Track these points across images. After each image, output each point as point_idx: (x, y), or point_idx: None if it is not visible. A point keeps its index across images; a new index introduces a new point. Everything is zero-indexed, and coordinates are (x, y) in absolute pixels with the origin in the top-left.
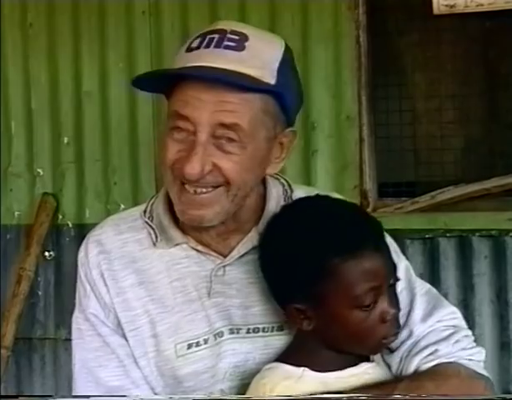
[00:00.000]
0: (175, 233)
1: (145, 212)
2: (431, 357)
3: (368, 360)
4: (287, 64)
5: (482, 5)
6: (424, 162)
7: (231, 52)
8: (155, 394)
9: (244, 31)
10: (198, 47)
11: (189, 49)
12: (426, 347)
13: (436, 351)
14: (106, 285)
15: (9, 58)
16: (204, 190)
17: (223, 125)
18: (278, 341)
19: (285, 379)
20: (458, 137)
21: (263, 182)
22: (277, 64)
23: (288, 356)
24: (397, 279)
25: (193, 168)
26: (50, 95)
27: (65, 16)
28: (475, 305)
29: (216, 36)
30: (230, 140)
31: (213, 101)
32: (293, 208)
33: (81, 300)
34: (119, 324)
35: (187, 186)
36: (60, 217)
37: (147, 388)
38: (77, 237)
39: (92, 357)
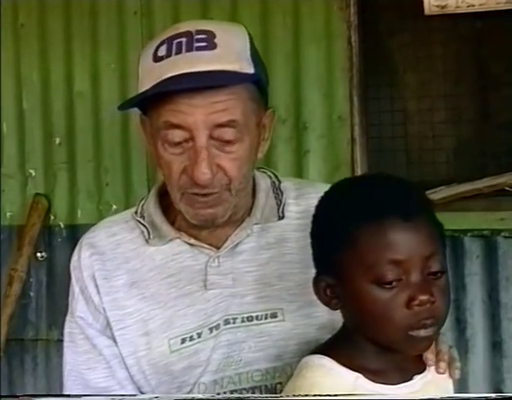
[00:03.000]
0: (167, 229)
1: (136, 212)
2: None
3: (422, 370)
4: (254, 50)
5: (473, 5)
6: (415, 162)
7: (205, 53)
8: (141, 393)
9: (209, 28)
10: (168, 55)
11: (158, 58)
12: None
13: None
14: (96, 285)
15: (1, 58)
16: (212, 191)
17: (220, 125)
18: (273, 328)
19: (339, 388)
20: (449, 137)
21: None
22: (248, 53)
23: (338, 348)
24: (442, 270)
25: (204, 174)
26: (42, 95)
27: (57, 16)
28: (467, 305)
29: (183, 39)
30: (227, 138)
31: (205, 104)
32: (337, 184)
33: (71, 303)
34: (108, 324)
35: (196, 190)
36: (52, 217)
37: (132, 389)
38: (69, 238)
39: (82, 360)
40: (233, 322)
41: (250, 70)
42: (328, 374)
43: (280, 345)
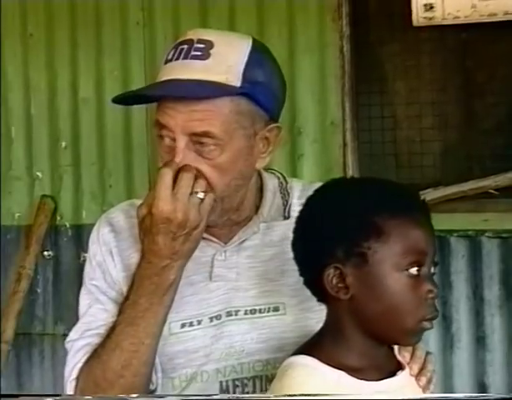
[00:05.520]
0: None
1: None
2: None
3: (399, 368)
4: (255, 63)
5: (458, 17)
6: (404, 166)
7: (196, 62)
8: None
9: (210, 38)
10: (171, 60)
11: (166, 61)
12: None
13: None
14: (113, 260)
15: (10, 66)
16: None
17: (196, 133)
18: (275, 321)
19: (324, 387)
20: (436, 142)
21: (260, 176)
22: (242, 66)
23: (321, 347)
24: (435, 265)
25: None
26: (49, 101)
27: (63, 26)
28: (453, 301)
29: (185, 46)
30: (206, 145)
31: (185, 110)
32: (341, 179)
33: (87, 275)
34: (122, 295)
35: None
36: (58, 218)
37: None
38: (75, 237)
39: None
40: (236, 314)
41: (237, 83)
42: (313, 373)
43: (281, 337)
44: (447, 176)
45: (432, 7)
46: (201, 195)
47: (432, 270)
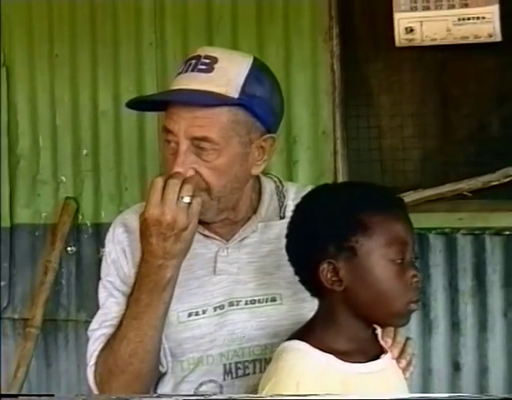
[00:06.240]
0: None
1: None
2: None
3: (381, 352)
4: (254, 79)
5: (435, 40)
6: (388, 171)
7: (202, 75)
8: None
9: (216, 54)
10: (180, 72)
11: (177, 74)
12: None
13: None
14: (126, 258)
15: (38, 83)
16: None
17: (196, 138)
18: (273, 310)
19: (314, 368)
20: (416, 149)
21: (258, 180)
22: (242, 79)
23: (313, 333)
24: (416, 257)
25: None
26: (72, 114)
27: (85, 48)
28: (431, 291)
29: (193, 61)
30: (205, 149)
31: (188, 117)
32: (326, 185)
33: (103, 271)
34: None
35: None
36: (80, 217)
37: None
38: (95, 235)
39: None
40: (237, 304)
41: (234, 95)
42: (305, 357)
43: (277, 324)
44: (426, 180)
45: (412, 30)
46: (187, 199)
47: (413, 258)
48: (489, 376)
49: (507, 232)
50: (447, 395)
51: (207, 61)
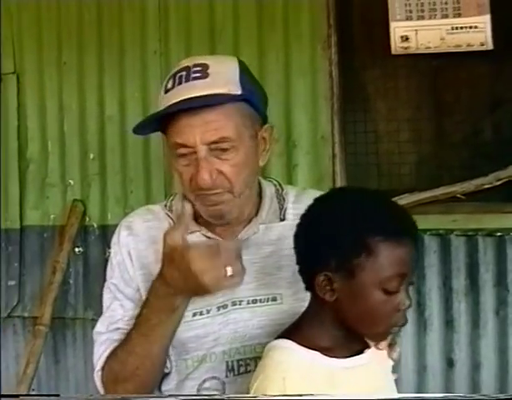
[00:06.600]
0: (190, 223)
1: (166, 206)
2: None
3: (365, 347)
4: (244, 75)
5: (430, 47)
6: (385, 174)
7: (199, 82)
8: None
9: (205, 61)
10: (172, 87)
11: (166, 91)
12: None
13: None
14: (131, 260)
15: (47, 90)
16: (215, 191)
17: (213, 142)
18: (274, 309)
19: (299, 365)
20: (412, 153)
21: (259, 183)
22: (237, 77)
23: (300, 331)
24: (411, 283)
25: (204, 180)
26: (79, 119)
27: (91, 55)
28: (426, 290)
29: (183, 73)
30: (223, 150)
31: (200, 124)
32: (341, 192)
33: (108, 274)
34: (138, 290)
35: (202, 192)
36: (87, 219)
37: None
38: (101, 236)
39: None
40: (240, 304)
41: (238, 91)
42: (290, 354)
43: (277, 323)
44: (421, 183)
45: (407, 39)
46: (229, 271)
47: (409, 285)
48: (482, 372)
49: (499, 234)
50: (441, 395)
51: (198, 69)
